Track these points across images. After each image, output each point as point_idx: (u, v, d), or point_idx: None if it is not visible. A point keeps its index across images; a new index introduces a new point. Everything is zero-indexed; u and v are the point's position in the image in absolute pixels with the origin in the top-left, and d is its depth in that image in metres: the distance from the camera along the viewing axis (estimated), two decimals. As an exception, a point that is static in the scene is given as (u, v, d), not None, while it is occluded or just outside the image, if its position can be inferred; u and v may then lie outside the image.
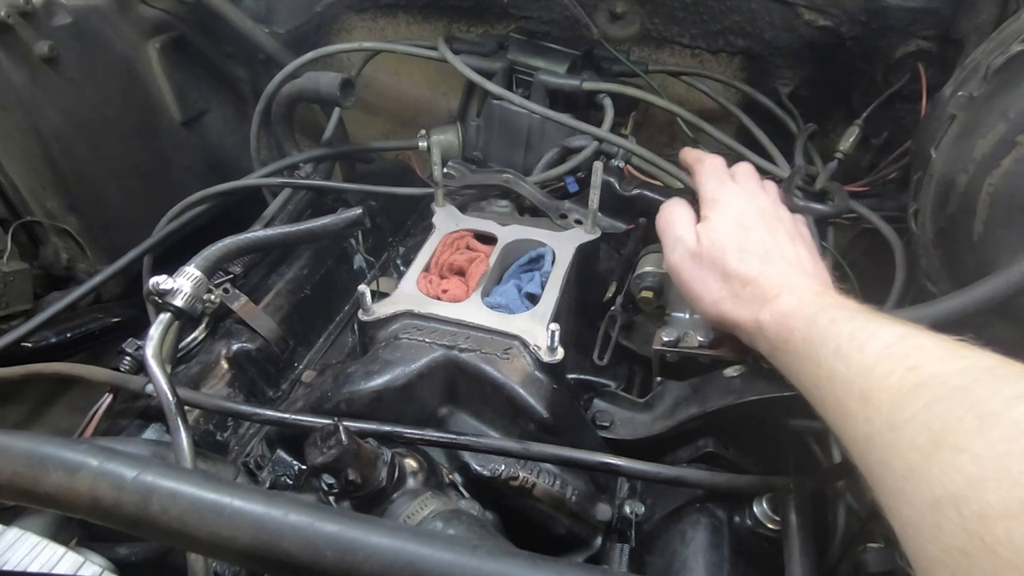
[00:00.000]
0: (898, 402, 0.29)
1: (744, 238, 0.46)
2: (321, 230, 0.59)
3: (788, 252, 0.46)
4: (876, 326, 0.34)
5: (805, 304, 0.40)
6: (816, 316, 0.38)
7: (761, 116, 0.74)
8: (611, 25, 0.79)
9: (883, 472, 0.28)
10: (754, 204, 0.49)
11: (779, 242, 0.46)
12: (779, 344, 0.40)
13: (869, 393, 0.31)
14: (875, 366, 0.32)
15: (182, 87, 0.85)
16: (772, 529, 0.43)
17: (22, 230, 0.74)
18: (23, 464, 0.26)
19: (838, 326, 0.36)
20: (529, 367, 0.49)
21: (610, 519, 0.48)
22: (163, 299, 0.47)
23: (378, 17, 0.92)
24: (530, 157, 0.76)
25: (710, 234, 0.47)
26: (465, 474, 0.47)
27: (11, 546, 0.35)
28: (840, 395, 0.33)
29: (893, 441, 0.28)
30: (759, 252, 0.45)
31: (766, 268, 0.44)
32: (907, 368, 0.30)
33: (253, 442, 0.59)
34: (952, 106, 0.49)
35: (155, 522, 0.24)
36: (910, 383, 0.29)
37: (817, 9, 0.67)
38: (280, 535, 0.23)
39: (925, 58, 0.65)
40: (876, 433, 0.29)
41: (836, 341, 0.35)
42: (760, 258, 0.45)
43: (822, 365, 0.35)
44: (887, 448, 0.28)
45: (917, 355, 0.31)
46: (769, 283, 0.43)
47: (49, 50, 0.68)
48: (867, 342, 0.33)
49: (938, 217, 0.48)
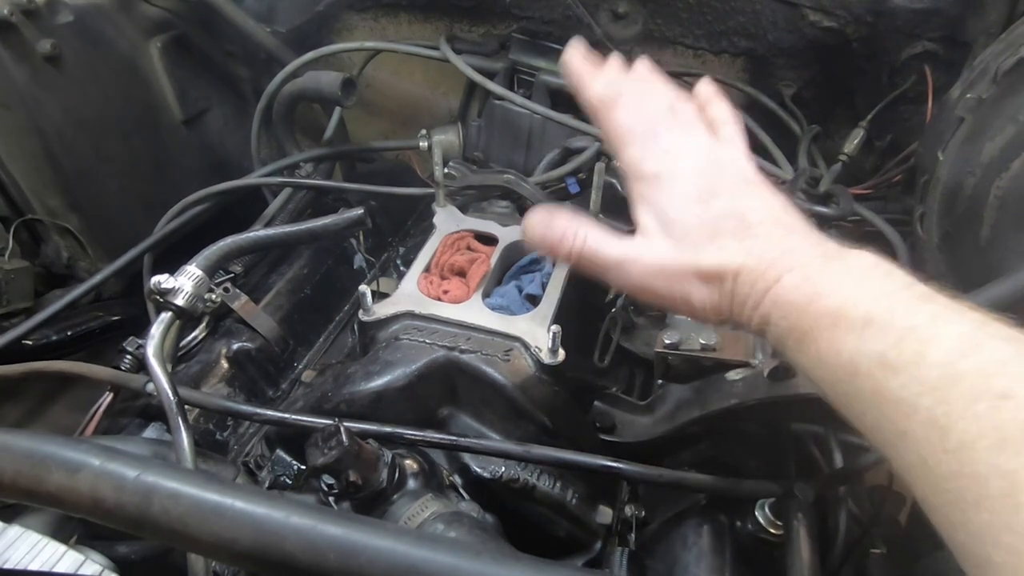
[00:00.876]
0: (1010, 444, 0.24)
1: (711, 216, 0.35)
2: (322, 230, 0.59)
3: (761, 211, 0.35)
4: (928, 323, 0.27)
5: (821, 289, 0.31)
6: (843, 310, 0.29)
7: (764, 118, 0.74)
8: (613, 25, 0.79)
9: (988, 520, 0.24)
10: (699, 159, 0.37)
11: (748, 201, 0.35)
12: (794, 344, 0.31)
13: (948, 422, 0.25)
14: (949, 387, 0.26)
15: (183, 86, 0.85)
16: (774, 534, 0.43)
17: (23, 228, 0.74)
18: (25, 463, 0.26)
19: (877, 325, 0.28)
20: (530, 369, 0.49)
21: (610, 522, 0.48)
22: (164, 298, 0.47)
23: (379, 16, 0.92)
24: (531, 158, 0.76)
25: (668, 228, 0.36)
26: (465, 476, 0.47)
27: (12, 544, 0.35)
28: (896, 415, 0.27)
29: (1008, 491, 0.23)
30: (734, 229, 0.34)
31: (751, 245, 0.34)
32: (998, 396, 0.25)
33: (253, 441, 0.59)
34: (960, 109, 0.48)
35: (156, 523, 0.24)
36: (1016, 420, 0.24)
37: (822, 10, 0.67)
38: (282, 537, 0.23)
39: (931, 60, 0.65)
40: (974, 474, 0.24)
41: (879, 346, 0.28)
42: (738, 237, 0.34)
43: (860, 375, 0.28)
44: (996, 496, 0.24)
45: (1002, 375, 0.25)
46: (762, 264, 0.33)
47: (52, 48, 0.68)
48: (924, 349, 0.27)
49: (944, 221, 0.48)
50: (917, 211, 0.52)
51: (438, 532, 0.38)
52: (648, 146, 0.38)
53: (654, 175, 0.38)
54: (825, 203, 0.62)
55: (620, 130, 0.40)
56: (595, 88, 0.41)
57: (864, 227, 0.63)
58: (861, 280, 0.31)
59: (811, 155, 0.70)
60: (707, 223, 0.35)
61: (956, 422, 0.25)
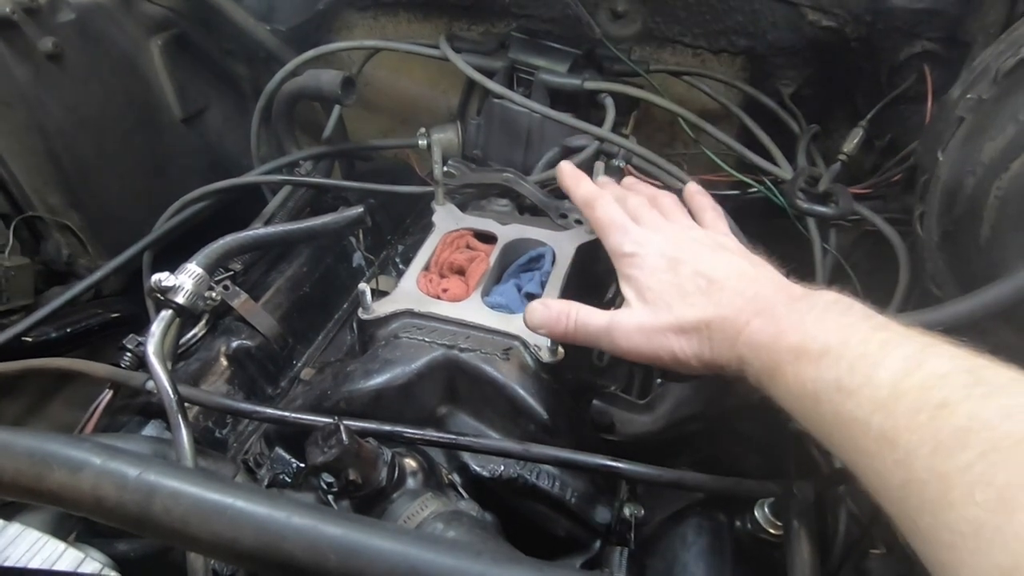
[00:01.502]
0: (943, 448, 0.26)
1: (679, 280, 0.41)
2: (323, 228, 0.59)
3: (727, 268, 0.41)
4: (877, 349, 0.31)
5: (785, 327, 0.35)
6: (804, 344, 0.33)
7: (763, 116, 0.74)
8: (612, 24, 0.79)
9: (930, 523, 0.26)
10: (668, 237, 0.45)
11: (712, 263, 0.42)
12: (767, 380, 0.36)
13: (895, 435, 0.28)
14: (894, 403, 0.28)
15: (183, 84, 0.85)
16: (773, 534, 0.43)
17: (24, 225, 0.74)
18: (26, 462, 0.26)
19: (833, 355, 0.32)
20: (530, 367, 0.49)
21: (609, 521, 0.48)
22: (165, 296, 0.47)
23: (379, 15, 0.92)
24: (530, 156, 0.76)
25: (644, 296, 0.43)
26: (464, 474, 0.47)
27: (12, 542, 0.36)
28: (854, 434, 0.30)
29: (942, 491, 0.25)
30: (701, 287, 0.41)
31: (719, 298, 0.39)
32: (936, 406, 0.27)
33: (252, 439, 0.59)
34: (960, 108, 0.48)
35: (157, 522, 0.25)
36: (950, 425, 0.26)
37: (821, 10, 0.67)
38: (283, 537, 0.23)
39: (931, 59, 0.65)
40: (917, 480, 0.26)
41: (835, 374, 0.31)
42: (706, 293, 0.40)
43: (822, 401, 0.32)
44: (934, 499, 0.25)
45: (941, 387, 0.28)
46: (731, 313, 0.38)
47: (53, 47, 0.68)
48: (873, 372, 0.30)
49: (944, 220, 0.48)
50: (917, 210, 0.52)
51: (437, 531, 0.38)
52: (626, 231, 0.47)
53: (631, 255, 0.46)
54: (824, 202, 0.62)
55: (602, 221, 0.48)
56: (582, 188, 0.52)
57: (863, 226, 0.63)
58: (821, 316, 0.35)
59: (810, 154, 0.70)
60: (676, 286, 0.42)
61: (901, 434, 0.28)
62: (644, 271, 0.44)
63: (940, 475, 0.26)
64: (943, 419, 0.27)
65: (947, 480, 0.25)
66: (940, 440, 0.26)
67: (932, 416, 0.27)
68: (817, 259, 0.62)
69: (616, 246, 0.46)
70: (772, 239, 0.64)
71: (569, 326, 0.45)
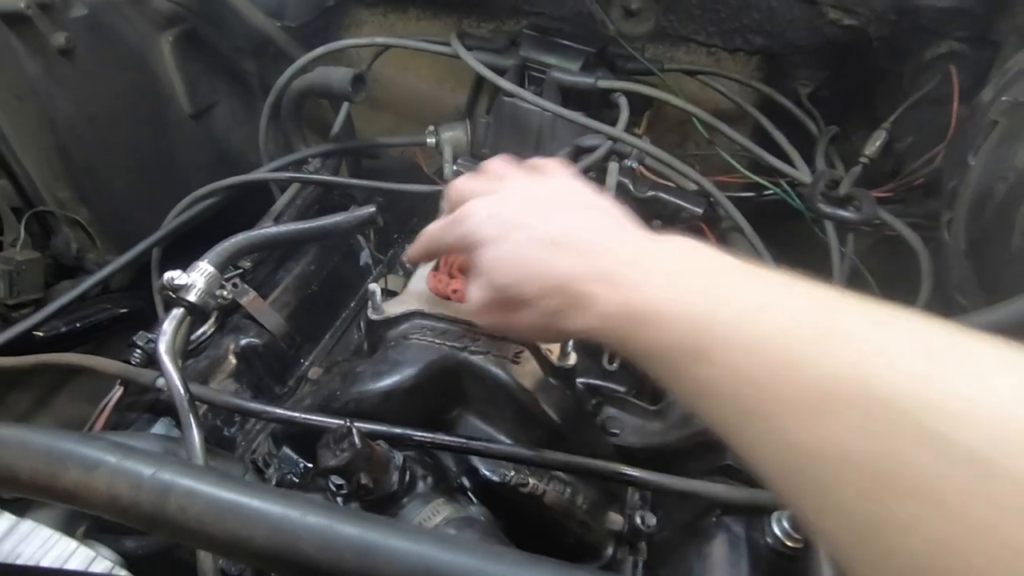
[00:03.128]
0: (801, 422, 0.23)
1: (516, 252, 0.36)
2: (334, 227, 0.58)
3: (567, 228, 0.35)
4: (723, 303, 0.27)
5: (629, 294, 0.31)
6: (649, 312, 0.29)
7: (779, 117, 0.73)
8: (625, 21, 0.78)
9: (809, 506, 0.23)
10: (492, 204, 0.38)
11: (550, 225, 0.36)
12: (622, 347, 0.32)
13: (755, 408, 0.24)
14: (748, 369, 0.25)
15: (193, 80, 0.85)
16: (791, 547, 0.42)
17: (34, 219, 0.74)
18: (42, 460, 0.26)
19: (682, 320, 0.28)
20: (541, 371, 0.49)
21: (621, 529, 0.48)
22: (177, 294, 0.47)
23: (388, 12, 0.92)
24: (540, 156, 0.75)
25: (481, 278, 0.38)
26: (473, 478, 0.47)
27: (24, 539, 0.35)
28: (717, 409, 0.27)
29: (812, 476, 0.22)
30: (540, 255, 0.35)
31: (560, 266, 0.34)
32: (788, 368, 0.23)
33: (260, 438, 0.59)
34: (993, 112, 0.47)
35: (172, 521, 0.24)
36: (810, 391, 0.23)
37: (843, 8, 0.65)
38: (298, 537, 0.23)
39: (957, 60, 0.63)
40: (781, 463, 0.23)
41: (685, 339, 0.27)
42: (545, 261, 0.35)
43: (680, 370, 0.28)
44: (805, 482, 0.22)
45: (789, 346, 0.24)
46: (573, 281, 0.33)
47: (66, 42, 0.68)
48: (725, 333, 0.26)
49: (973, 227, 0.47)
50: (944, 217, 0.50)
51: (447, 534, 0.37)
52: (454, 221, 0.41)
53: (463, 235, 0.40)
54: (845, 206, 0.61)
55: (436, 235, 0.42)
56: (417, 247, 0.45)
57: (882, 231, 0.62)
58: (666, 276, 0.31)
59: (828, 156, 0.69)
60: (517, 256, 0.37)
61: (764, 404, 0.24)
62: (477, 248, 0.38)
63: (806, 454, 0.22)
64: (795, 383, 0.23)
65: (813, 459, 0.22)
66: (797, 410, 0.23)
67: (790, 382, 0.23)
68: (835, 264, 0.61)
69: (458, 236, 0.39)
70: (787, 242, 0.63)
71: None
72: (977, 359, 0.21)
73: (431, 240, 0.43)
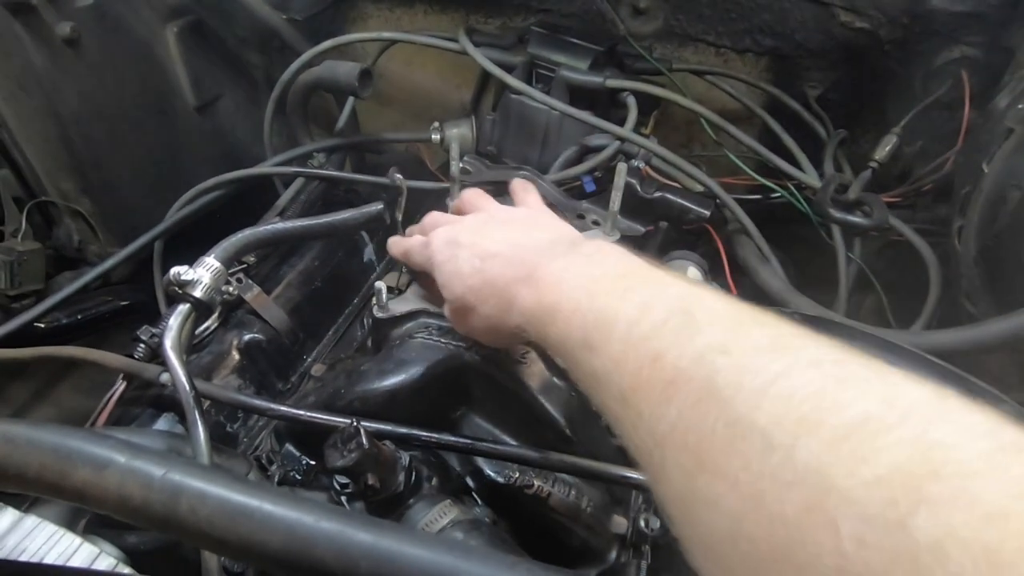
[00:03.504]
0: (657, 409, 0.24)
1: (458, 266, 0.42)
2: (342, 224, 0.58)
3: (501, 242, 0.41)
4: (618, 299, 0.29)
5: (543, 292, 0.35)
6: (558, 305, 0.33)
7: (787, 119, 0.72)
8: (633, 20, 0.77)
9: (661, 494, 0.24)
10: (449, 232, 0.45)
11: (488, 241, 0.42)
12: (543, 343, 0.36)
13: (627, 396, 0.26)
14: (624, 359, 0.27)
15: (198, 72, 0.84)
16: None
17: (36, 210, 0.73)
18: (51, 458, 0.25)
19: (582, 312, 0.31)
20: (547, 372, 0.49)
21: (625, 532, 0.48)
22: (183, 290, 0.46)
23: (394, 6, 0.91)
24: (546, 154, 0.75)
25: (443, 292, 0.44)
26: (478, 479, 0.46)
27: (28, 535, 0.35)
28: (604, 397, 0.28)
29: (660, 460, 0.23)
30: (476, 266, 0.41)
31: (489, 274, 0.40)
32: (652, 359, 0.25)
33: (263, 435, 0.59)
34: (1009, 119, 0.47)
35: (183, 523, 0.24)
36: (661, 380, 0.24)
37: (855, 10, 0.64)
38: (313, 542, 0.23)
39: (969, 65, 0.62)
40: (645, 449, 0.25)
41: (583, 332, 0.30)
42: (479, 271, 0.40)
43: (579, 361, 0.31)
44: (656, 468, 0.24)
45: (657, 338, 0.26)
46: (501, 286, 0.38)
47: (71, 31, 0.67)
48: (612, 326, 0.28)
49: (984, 234, 0.47)
50: (956, 224, 0.50)
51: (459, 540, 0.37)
52: (424, 244, 0.48)
53: (427, 258, 0.46)
54: (854, 211, 0.60)
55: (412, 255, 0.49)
56: (394, 249, 0.53)
57: (889, 236, 0.62)
58: (576, 273, 0.34)
59: (837, 160, 0.68)
60: (455, 270, 0.43)
61: (630, 395, 0.26)
62: (435, 269, 0.45)
63: (657, 441, 0.24)
64: (657, 374, 0.25)
65: (662, 447, 0.23)
66: (655, 398, 0.24)
67: (650, 371, 0.25)
68: (841, 268, 0.61)
69: (425, 260, 0.46)
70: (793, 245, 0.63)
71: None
72: (808, 354, 0.22)
73: (404, 257, 0.51)
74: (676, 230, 0.67)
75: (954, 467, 0.17)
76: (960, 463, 0.17)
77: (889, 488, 0.17)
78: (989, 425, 0.18)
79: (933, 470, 0.17)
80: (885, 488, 0.17)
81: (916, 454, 0.17)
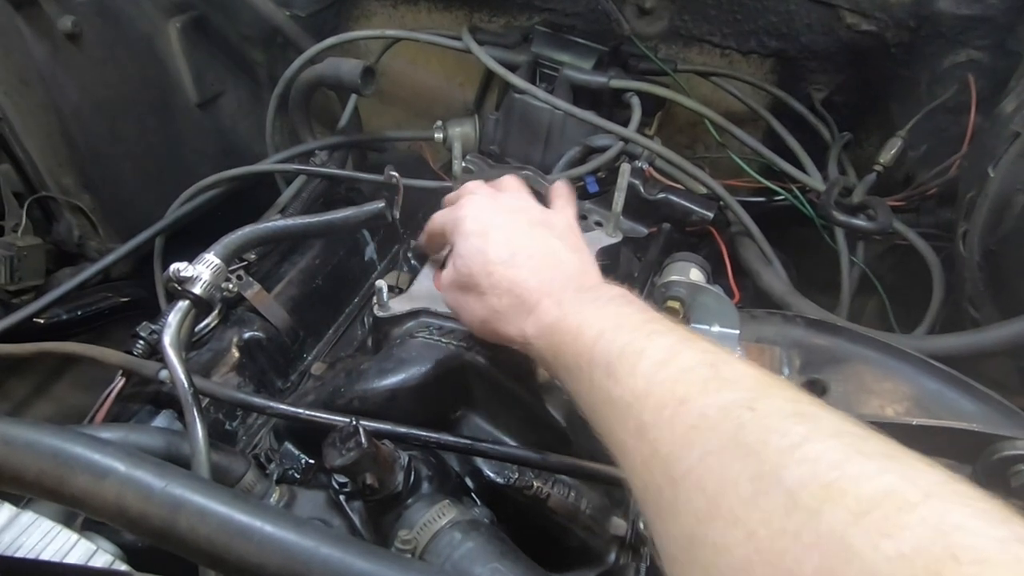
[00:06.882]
0: (676, 450, 0.25)
1: (486, 247, 0.42)
2: (343, 222, 0.58)
3: (536, 246, 0.41)
4: (645, 338, 0.30)
5: (569, 311, 0.36)
6: (582, 328, 0.34)
7: (791, 122, 0.72)
8: (638, 21, 0.77)
9: (663, 531, 0.24)
10: (487, 204, 0.45)
11: (524, 238, 0.42)
12: (551, 360, 0.37)
13: (645, 430, 0.27)
14: (648, 395, 0.28)
15: (200, 68, 0.84)
16: None
17: (36, 205, 0.73)
18: (49, 463, 0.25)
19: (606, 340, 0.32)
20: (547, 374, 0.48)
21: (624, 534, 0.48)
22: (183, 286, 0.46)
23: (398, 4, 0.91)
24: (549, 154, 0.75)
25: (455, 260, 0.44)
26: (477, 479, 0.46)
27: (25, 531, 0.35)
28: (616, 426, 0.29)
29: (671, 499, 0.24)
30: (503, 257, 0.41)
31: (516, 273, 0.40)
32: (678, 402, 0.26)
33: (262, 433, 0.59)
34: (1016, 123, 0.47)
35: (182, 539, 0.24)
36: (684, 423, 0.25)
37: (861, 13, 0.64)
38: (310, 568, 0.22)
39: (976, 69, 0.62)
40: (655, 485, 0.25)
41: (606, 359, 0.31)
42: (506, 264, 0.40)
43: (596, 386, 0.31)
44: (665, 506, 0.24)
45: (685, 384, 0.27)
46: (523, 290, 0.39)
47: (72, 26, 0.67)
48: (637, 360, 0.29)
49: (988, 239, 0.46)
50: (960, 228, 0.50)
51: (455, 540, 0.37)
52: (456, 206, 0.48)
53: (452, 220, 0.46)
54: (858, 215, 0.60)
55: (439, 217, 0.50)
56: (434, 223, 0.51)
57: (892, 239, 0.61)
58: (603, 305, 0.36)
59: (841, 163, 0.68)
60: (480, 251, 0.43)
61: (649, 430, 0.27)
62: (460, 236, 0.44)
63: (672, 480, 0.24)
64: (681, 417, 0.26)
65: (676, 486, 0.24)
66: (675, 439, 0.25)
67: (674, 412, 0.26)
68: (844, 271, 0.60)
69: (445, 223, 0.47)
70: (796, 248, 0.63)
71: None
72: (829, 423, 0.23)
73: (433, 222, 0.50)
74: (679, 232, 0.67)
75: (973, 554, 0.17)
76: (978, 550, 0.17)
77: (911, 567, 0.17)
78: (1003, 514, 0.19)
79: (953, 555, 0.17)
80: (907, 566, 0.17)
81: (938, 536, 0.18)
